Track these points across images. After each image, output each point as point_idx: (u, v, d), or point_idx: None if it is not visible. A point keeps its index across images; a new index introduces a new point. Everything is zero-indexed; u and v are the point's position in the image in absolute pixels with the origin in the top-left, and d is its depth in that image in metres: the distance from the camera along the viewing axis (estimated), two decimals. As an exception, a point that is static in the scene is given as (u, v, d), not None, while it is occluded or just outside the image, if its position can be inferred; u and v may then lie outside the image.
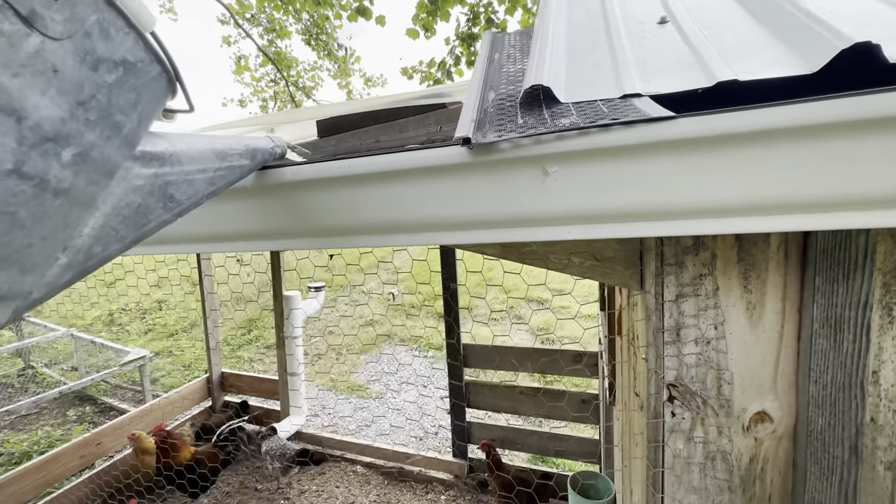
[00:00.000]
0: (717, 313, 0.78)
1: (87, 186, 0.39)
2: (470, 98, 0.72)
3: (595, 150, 0.55)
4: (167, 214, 0.52)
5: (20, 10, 0.30)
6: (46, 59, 0.32)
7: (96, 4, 0.35)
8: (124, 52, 0.38)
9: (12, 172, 0.31)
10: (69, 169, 0.36)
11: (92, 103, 0.36)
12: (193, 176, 0.55)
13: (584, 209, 0.61)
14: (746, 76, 0.57)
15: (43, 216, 0.35)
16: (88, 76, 0.36)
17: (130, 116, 0.41)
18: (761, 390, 0.78)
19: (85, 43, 0.35)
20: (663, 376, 0.83)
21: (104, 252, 0.47)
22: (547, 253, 0.89)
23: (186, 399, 3.86)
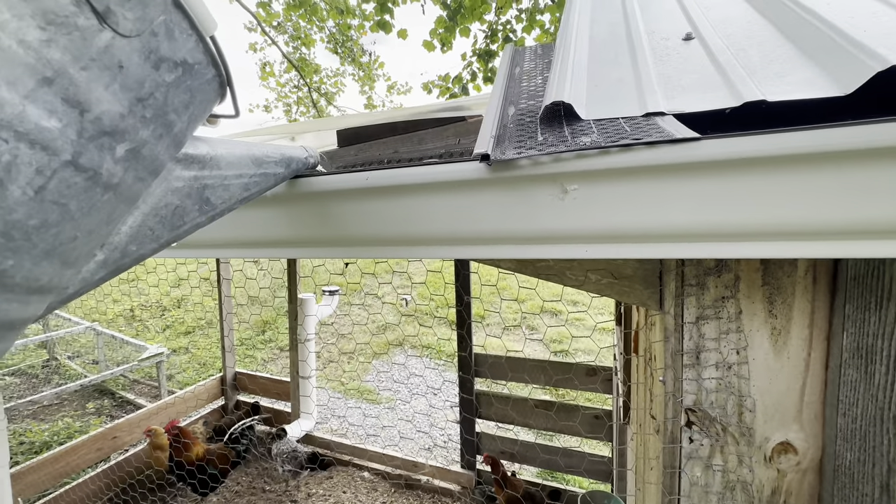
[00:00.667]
0: (740, 337, 0.75)
1: (134, 184, 0.40)
2: (489, 113, 0.72)
3: (616, 170, 0.55)
4: (202, 217, 0.54)
5: (97, 6, 0.32)
6: (114, 55, 0.33)
7: (165, 5, 0.37)
8: (185, 54, 0.40)
9: (69, 164, 0.32)
10: (121, 164, 0.37)
11: (150, 101, 0.37)
12: (230, 181, 0.56)
13: (603, 228, 0.60)
14: (775, 97, 0.56)
15: (91, 210, 0.36)
16: (150, 74, 0.37)
17: (182, 117, 0.42)
18: (785, 420, 0.75)
19: (151, 42, 0.36)
20: (681, 400, 0.80)
21: (139, 251, 0.48)
22: (563, 269, 0.88)
23: (200, 397, 3.92)
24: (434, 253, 0.70)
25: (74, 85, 0.31)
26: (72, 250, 0.38)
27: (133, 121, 0.36)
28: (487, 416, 3.11)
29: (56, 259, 0.36)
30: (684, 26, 0.89)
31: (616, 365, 2.33)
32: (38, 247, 0.33)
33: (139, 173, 0.41)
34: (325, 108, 9.44)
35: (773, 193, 0.52)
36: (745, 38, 0.77)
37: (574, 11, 1.04)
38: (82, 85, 0.32)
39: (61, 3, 0.30)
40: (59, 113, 0.31)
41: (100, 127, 0.34)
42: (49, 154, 0.31)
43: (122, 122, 0.35)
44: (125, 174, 0.38)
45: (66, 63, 0.30)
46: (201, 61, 0.42)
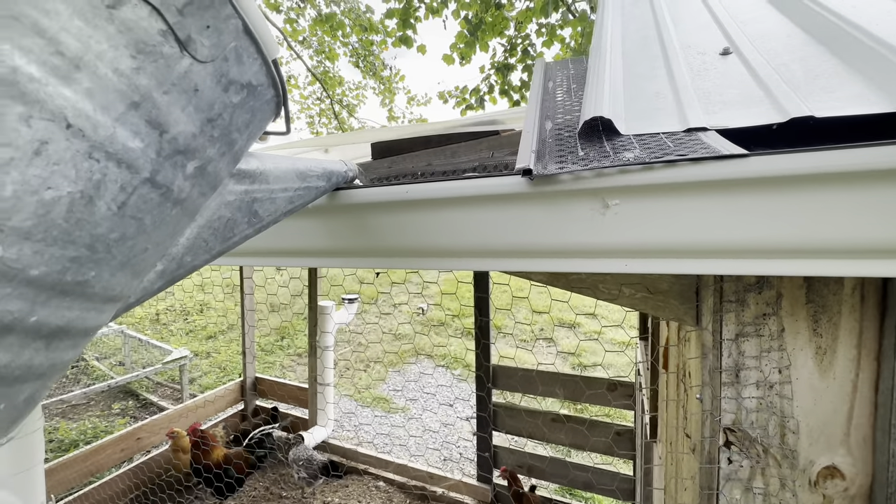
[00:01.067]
0: (782, 356, 0.73)
1: (198, 198, 0.43)
2: (528, 128, 0.73)
3: (660, 186, 0.55)
4: (250, 230, 0.56)
5: (180, 35, 0.34)
6: (191, 80, 0.36)
7: (237, 32, 0.39)
8: (250, 76, 0.42)
9: (148, 181, 0.34)
10: (189, 181, 0.39)
11: (218, 121, 0.40)
12: (276, 195, 0.58)
13: (644, 243, 0.60)
14: (824, 113, 0.55)
15: (161, 223, 0.38)
16: (220, 96, 0.39)
17: (243, 135, 0.45)
18: (831, 443, 0.72)
19: (222, 66, 0.39)
20: (719, 419, 0.78)
21: (193, 262, 0.50)
22: (596, 282, 0.88)
23: (221, 401, 3.99)
24: (471, 265, 0.71)
25: (157, 108, 0.33)
26: (142, 262, 0.40)
27: (203, 140, 0.39)
28: (505, 429, 3.07)
29: (129, 270, 0.38)
30: (720, 41, 0.89)
31: (640, 380, 2.27)
32: (116, 259, 0.35)
33: (203, 189, 0.43)
34: (346, 119, 9.64)
35: (823, 211, 0.51)
36: (785, 52, 0.76)
37: (605, 26, 1.05)
38: (163, 108, 0.34)
39: (150, 34, 0.32)
40: (142, 134, 0.33)
41: (175, 146, 0.36)
42: (132, 172, 0.33)
43: (193, 142, 0.38)
44: (192, 190, 0.41)
45: (151, 88, 0.33)
46: (263, 83, 0.44)
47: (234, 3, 0.38)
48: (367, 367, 5.93)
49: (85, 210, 0.30)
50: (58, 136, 0.28)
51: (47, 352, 0.32)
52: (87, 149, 0.29)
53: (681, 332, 1.03)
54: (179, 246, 0.50)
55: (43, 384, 0.35)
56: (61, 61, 0.28)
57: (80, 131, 0.29)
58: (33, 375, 0.32)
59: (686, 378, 0.95)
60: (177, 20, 0.34)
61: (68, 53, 0.28)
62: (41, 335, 0.31)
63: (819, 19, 0.82)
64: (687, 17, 1.07)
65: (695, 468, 0.86)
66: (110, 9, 0.30)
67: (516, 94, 5.85)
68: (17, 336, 0.29)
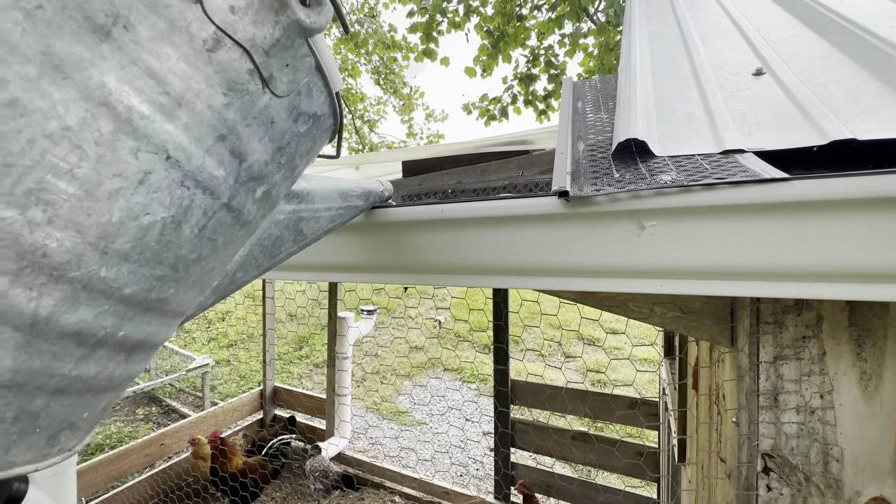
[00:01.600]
0: (824, 381, 0.72)
1: (260, 220, 0.45)
2: (560, 148, 0.74)
3: (698, 208, 0.55)
4: (294, 247, 0.58)
5: (264, 73, 0.37)
6: (269, 113, 0.39)
7: (310, 69, 0.42)
8: (316, 108, 0.45)
9: (225, 206, 0.37)
10: (256, 204, 0.42)
11: (286, 149, 0.43)
12: (321, 213, 0.61)
13: (680, 264, 0.60)
14: (867, 136, 0.55)
15: (229, 244, 0.41)
16: (290, 127, 0.42)
17: (303, 160, 0.48)
18: (879, 473, 0.69)
19: (295, 100, 0.42)
20: (757, 444, 0.76)
21: (243, 278, 0.53)
22: (626, 300, 0.87)
23: (241, 409, 4.04)
24: (503, 283, 0.72)
25: (239, 139, 0.36)
26: (209, 280, 0.43)
27: (272, 167, 0.41)
28: (523, 446, 3.01)
29: (198, 287, 0.41)
30: (753, 61, 0.89)
31: (666, 400, 2.22)
32: (191, 277, 0.38)
33: (265, 211, 0.46)
34: (366, 134, 9.85)
35: (867, 235, 0.51)
36: (822, 73, 0.76)
37: (633, 46, 1.07)
38: (244, 139, 0.37)
39: (240, 73, 0.35)
40: (226, 163, 0.36)
41: (250, 173, 0.39)
42: (213, 198, 0.35)
43: (265, 168, 0.40)
44: (257, 212, 0.43)
45: (236, 121, 0.35)
46: (326, 113, 0.47)
47: (309, 43, 0.41)
48: (384, 378, 5.93)
49: (173, 233, 0.32)
50: (159, 166, 0.30)
51: (126, 364, 0.35)
52: (180, 178, 0.32)
53: (714, 353, 1.01)
54: (233, 263, 0.53)
55: (117, 394, 0.37)
56: (167, 100, 0.31)
57: (177, 162, 0.31)
58: (113, 386, 0.35)
59: (721, 400, 0.93)
60: (262, 60, 0.37)
61: (173, 93, 0.31)
62: (125, 349, 0.33)
63: (856, 39, 0.81)
64: (716, 36, 1.07)
65: (730, 494, 0.83)
66: (209, 52, 0.33)
67: (541, 103, 5.89)
68: (106, 349, 0.31)
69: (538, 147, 0.98)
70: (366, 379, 5.96)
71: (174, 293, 0.36)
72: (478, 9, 5.53)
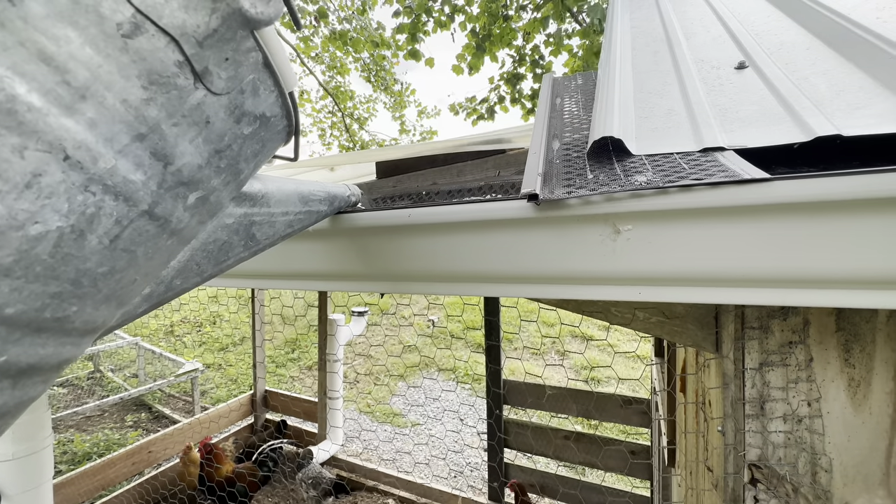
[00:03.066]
0: (811, 388, 0.68)
1: (196, 227, 0.41)
2: (534, 148, 0.70)
3: (676, 211, 0.51)
4: (245, 253, 0.54)
5: (197, 67, 0.33)
6: (203, 112, 0.34)
7: (256, 65, 0.38)
8: (265, 108, 0.41)
9: (145, 213, 0.33)
10: (189, 211, 0.37)
11: (226, 152, 0.38)
12: (276, 218, 0.57)
13: (658, 271, 0.56)
14: (853, 131, 0.51)
15: (154, 254, 0.36)
16: (231, 128, 0.38)
17: (250, 164, 0.43)
18: (869, 483, 0.67)
19: (237, 98, 0.37)
20: (744, 454, 0.73)
21: (182, 285, 0.49)
22: (608, 306, 0.84)
23: (232, 413, 3.98)
24: (475, 290, 0.68)
25: (164, 139, 0.32)
26: (129, 293, 0.38)
27: (208, 171, 0.37)
28: (515, 445, 2.99)
29: (114, 301, 0.36)
30: (735, 54, 0.85)
31: (656, 400, 2.19)
32: (101, 292, 0.33)
33: (202, 217, 0.41)
34: (357, 132, 9.77)
35: (853, 239, 0.47)
36: (806, 66, 0.73)
37: (614, 40, 1.03)
38: (170, 139, 0.32)
39: (165, 64, 0.31)
40: (145, 166, 0.31)
41: (178, 178, 0.34)
42: (129, 205, 0.31)
43: (198, 173, 0.36)
44: (190, 220, 0.39)
45: (160, 120, 0.31)
46: (277, 114, 0.42)
47: (255, 37, 0.37)
48: (376, 380, 5.89)
49: (74, 245, 0.28)
50: (53, 168, 0.26)
51: (13, 390, 0.30)
52: (83, 181, 0.28)
53: (699, 358, 0.98)
54: (170, 269, 0.49)
55: (6, 422, 0.33)
56: (66, 91, 0.26)
57: (79, 163, 0.27)
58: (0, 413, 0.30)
59: (707, 407, 0.90)
60: (195, 52, 0.32)
61: (74, 83, 0.27)
62: (9, 375, 0.29)
63: (840, 30, 0.78)
64: (699, 30, 1.04)
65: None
66: (125, 38, 0.29)
67: (528, 102, 5.85)
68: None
69: (516, 146, 0.94)
70: (359, 381, 5.92)
71: (78, 310, 0.32)
72: (463, 7, 5.48)
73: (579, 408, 2.78)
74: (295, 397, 4.09)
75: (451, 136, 6.17)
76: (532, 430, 2.95)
